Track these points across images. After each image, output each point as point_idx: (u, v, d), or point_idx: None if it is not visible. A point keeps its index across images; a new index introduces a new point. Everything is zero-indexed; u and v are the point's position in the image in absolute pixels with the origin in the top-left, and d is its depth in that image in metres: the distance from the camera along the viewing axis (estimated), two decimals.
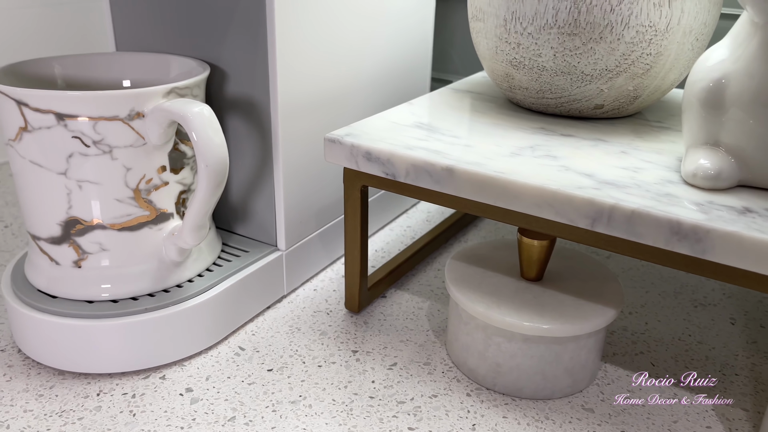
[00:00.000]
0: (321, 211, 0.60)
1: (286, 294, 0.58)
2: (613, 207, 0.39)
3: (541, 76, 0.51)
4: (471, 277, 0.49)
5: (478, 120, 0.53)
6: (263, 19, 0.49)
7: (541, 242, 0.47)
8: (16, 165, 0.45)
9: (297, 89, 0.52)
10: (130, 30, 0.56)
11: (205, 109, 0.43)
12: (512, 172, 0.43)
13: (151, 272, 0.48)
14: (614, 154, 0.47)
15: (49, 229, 0.46)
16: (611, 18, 0.47)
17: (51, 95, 0.41)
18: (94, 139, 0.43)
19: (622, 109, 0.53)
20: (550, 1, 0.48)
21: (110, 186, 0.44)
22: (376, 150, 0.47)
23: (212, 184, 0.44)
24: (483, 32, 0.53)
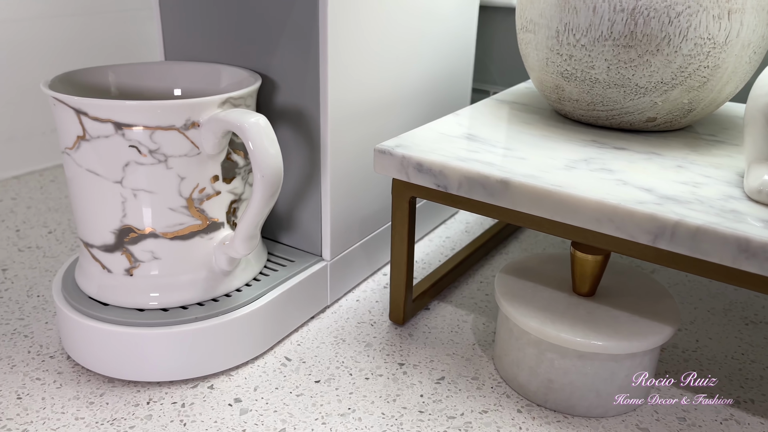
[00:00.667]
0: (364, 221, 0.59)
1: (330, 304, 0.58)
2: (677, 223, 0.38)
3: (593, 89, 0.51)
4: (522, 292, 0.48)
5: (527, 132, 0.53)
6: (316, 30, 0.49)
7: (595, 257, 0.46)
8: (72, 173, 0.45)
9: (346, 99, 0.52)
10: (180, 39, 0.57)
11: (261, 119, 0.43)
12: (569, 186, 0.42)
13: (200, 281, 0.48)
14: (671, 168, 0.46)
15: (103, 237, 0.46)
16: (669, 30, 0.46)
17: (110, 105, 0.41)
18: (151, 148, 0.43)
19: (674, 122, 0.52)
20: (606, 13, 0.47)
21: (164, 195, 0.44)
22: (428, 161, 0.46)
23: (267, 195, 0.44)
24: (533, 44, 0.53)
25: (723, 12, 0.46)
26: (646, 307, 0.47)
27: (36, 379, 0.47)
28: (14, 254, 0.64)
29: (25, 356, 0.49)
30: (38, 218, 0.71)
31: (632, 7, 0.46)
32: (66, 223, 0.70)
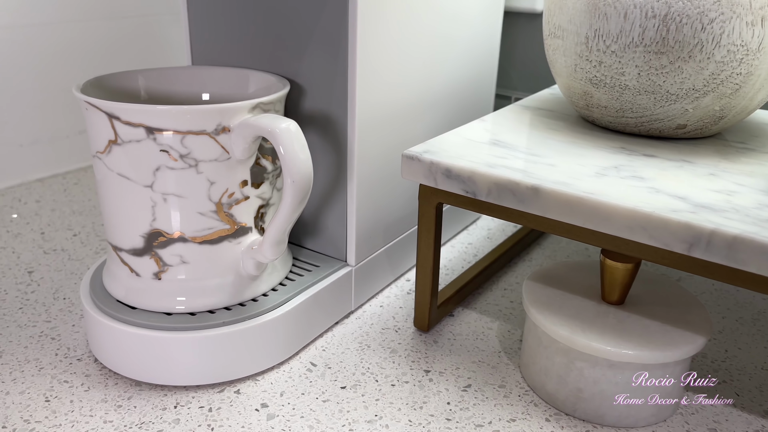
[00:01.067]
0: (389, 227, 0.59)
1: (354, 309, 0.57)
2: (713, 232, 0.37)
3: (622, 95, 0.50)
4: (550, 299, 0.48)
5: (555, 138, 0.52)
6: (345, 35, 0.49)
7: (625, 265, 0.46)
8: (103, 177, 0.45)
9: (373, 105, 0.52)
10: (207, 44, 0.57)
11: (292, 124, 0.43)
12: (601, 193, 0.42)
13: (228, 286, 0.48)
14: (703, 176, 0.45)
15: (132, 241, 0.46)
16: (702, 37, 0.46)
17: (143, 109, 0.41)
18: (181, 153, 0.43)
19: (704, 129, 0.52)
20: (637, 19, 0.47)
21: (194, 199, 0.44)
22: (457, 167, 0.46)
23: (296, 200, 0.44)
24: (561, 49, 0.53)
25: (756, 19, 0.45)
26: (676, 316, 0.46)
27: (64, 381, 0.47)
28: (40, 257, 0.64)
29: (53, 359, 0.50)
30: (62, 221, 0.72)
31: (664, 13, 0.46)
32: (90, 226, 0.71)
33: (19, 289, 0.59)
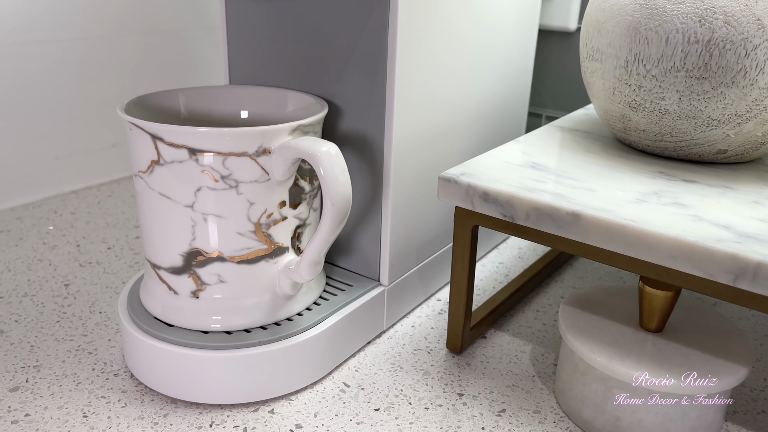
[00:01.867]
0: (422, 247, 0.59)
1: (386, 329, 0.57)
2: (760, 264, 0.37)
3: (662, 120, 0.50)
4: (587, 325, 0.48)
5: (592, 161, 0.52)
6: (384, 59, 0.49)
7: (666, 293, 0.45)
8: (144, 196, 0.46)
9: (410, 127, 0.52)
10: (245, 63, 0.58)
11: (333, 147, 0.43)
12: (643, 221, 0.41)
13: (264, 305, 0.48)
14: (746, 203, 0.45)
15: (171, 260, 0.47)
16: (745, 63, 0.45)
17: (186, 131, 0.42)
18: (223, 174, 0.43)
19: (745, 154, 0.51)
20: (679, 44, 0.46)
21: (233, 219, 0.45)
22: (495, 191, 0.46)
23: (335, 222, 0.44)
24: (599, 72, 0.52)
25: None
26: (717, 344, 0.46)
27: (101, 397, 0.48)
28: (76, 269, 0.65)
29: (90, 373, 0.50)
30: (97, 233, 0.73)
31: (707, 39, 0.45)
32: (124, 239, 0.72)
33: (56, 302, 0.60)
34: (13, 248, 0.69)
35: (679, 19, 0.46)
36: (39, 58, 0.77)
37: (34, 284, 0.62)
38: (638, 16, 0.48)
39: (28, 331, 0.55)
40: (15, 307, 0.58)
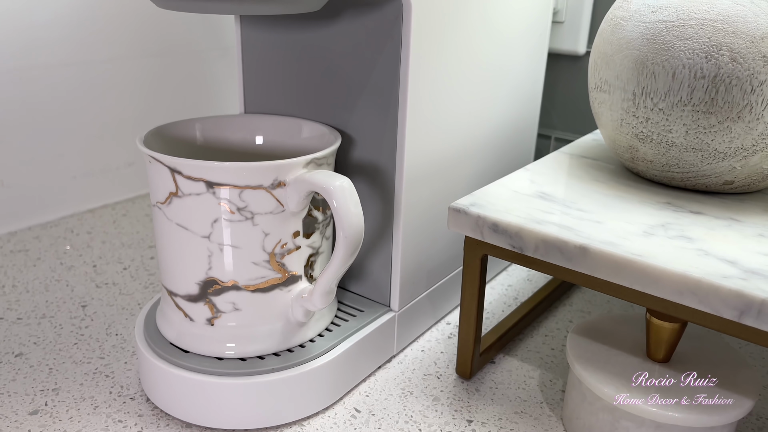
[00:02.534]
0: (431, 272, 0.60)
1: (396, 354, 0.58)
2: (764, 301, 0.38)
3: (669, 151, 0.51)
4: (595, 355, 0.48)
5: (600, 191, 0.53)
6: (396, 91, 0.50)
7: (672, 325, 0.46)
8: (162, 227, 0.47)
9: (421, 156, 0.54)
10: (260, 91, 0.59)
11: (346, 182, 0.44)
12: (650, 255, 0.42)
13: (277, 332, 0.49)
14: (752, 237, 0.45)
15: (188, 288, 0.48)
16: (751, 98, 0.46)
17: (204, 165, 0.43)
18: (239, 206, 0.45)
19: (752, 185, 0.52)
20: (686, 79, 0.47)
21: (249, 250, 0.46)
22: (504, 222, 0.47)
23: (348, 253, 0.45)
24: (607, 104, 0.53)
25: None
26: (724, 376, 0.46)
27: (118, 421, 0.49)
28: (92, 290, 0.67)
29: (107, 397, 0.52)
30: (113, 254, 0.74)
31: (714, 74, 0.46)
32: (139, 260, 0.73)
33: (74, 323, 0.61)
34: (31, 268, 0.71)
35: (685, 55, 0.47)
36: (56, 80, 0.79)
37: (52, 305, 0.64)
38: (645, 50, 0.49)
39: (47, 354, 0.56)
40: (34, 329, 0.60)
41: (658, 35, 0.48)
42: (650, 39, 0.49)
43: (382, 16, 0.49)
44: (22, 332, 0.59)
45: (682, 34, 0.47)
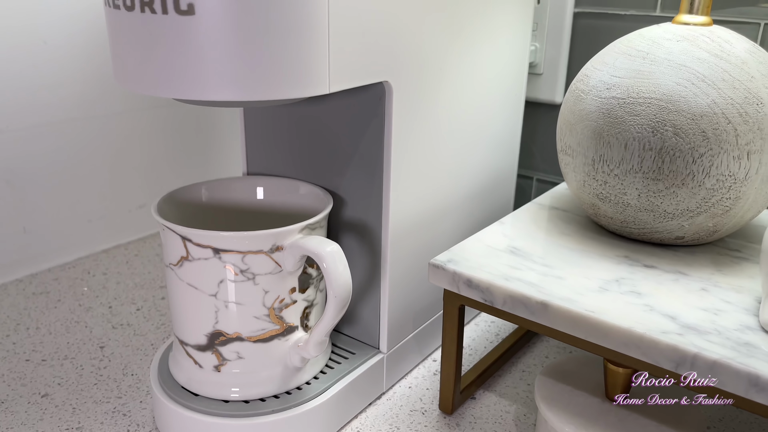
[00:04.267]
0: (417, 315, 0.66)
1: (385, 391, 0.64)
2: (696, 355, 0.43)
3: (625, 211, 0.57)
4: (559, 395, 0.54)
5: (566, 245, 0.59)
6: (381, 160, 0.57)
7: (626, 370, 0.52)
8: (174, 285, 0.53)
9: (404, 214, 0.60)
10: (261, 155, 0.65)
11: (336, 247, 0.50)
12: (601, 311, 0.48)
13: (276, 377, 0.55)
14: (695, 291, 0.51)
15: (197, 339, 0.54)
16: (693, 168, 0.52)
17: (211, 234, 0.50)
18: (242, 269, 0.51)
19: (701, 239, 0.58)
20: (636, 150, 0.53)
21: (251, 306, 0.52)
22: (477, 279, 0.53)
23: (338, 309, 0.51)
24: (571, 166, 0.60)
25: (743, 153, 0.52)
26: (673, 414, 0.52)
27: None
28: (109, 331, 0.73)
29: None
30: (127, 295, 0.81)
31: (659, 147, 0.52)
32: (151, 300, 0.80)
33: (93, 364, 0.67)
34: (52, 310, 0.77)
35: (635, 129, 0.53)
36: (76, 133, 0.85)
37: (72, 347, 0.70)
38: (601, 122, 0.55)
39: (70, 394, 0.63)
40: (57, 370, 0.66)
41: (611, 110, 0.55)
42: (605, 113, 0.55)
43: (368, 97, 0.55)
44: (46, 373, 0.66)
45: (632, 111, 0.53)
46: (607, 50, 0.59)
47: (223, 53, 0.42)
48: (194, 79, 0.43)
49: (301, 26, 0.43)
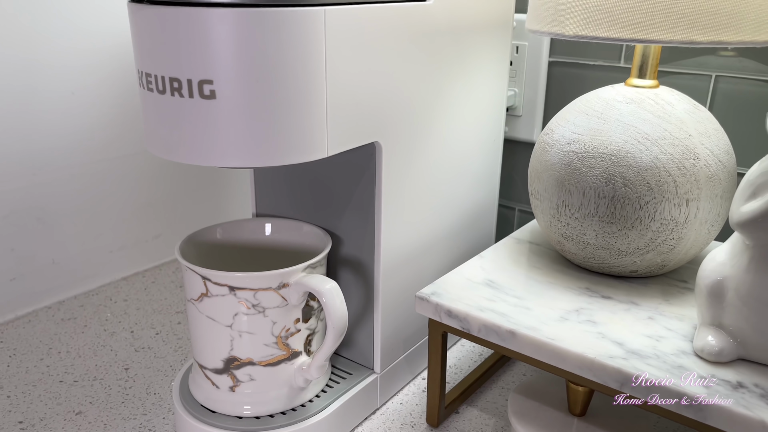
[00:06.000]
0: (407, 339, 0.74)
1: (379, 407, 0.72)
2: (636, 377, 0.52)
3: (586, 248, 0.65)
4: (528, 411, 0.62)
5: (536, 278, 0.67)
6: (373, 205, 0.65)
7: (584, 388, 0.60)
8: (194, 317, 0.62)
9: (394, 252, 0.68)
10: (269, 198, 0.74)
11: (334, 285, 0.59)
12: (560, 339, 0.56)
13: (283, 396, 0.63)
14: (643, 320, 0.60)
15: (215, 363, 0.62)
16: (641, 214, 0.61)
17: (227, 275, 0.58)
18: (253, 303, 0.59)
19: (653, 272, 0.66)
20: (592, 198, 0.62)
21: (261, 335, 0.61)
22: (455, 309, 0.61)
23: (336, 337, 0.59)
24: (540, 208, 0.68)
25: (682, 201, 0.60)
26: (624, 427, 0.60)
27: None
28: (132, 354, 0.81)
29: None
30: (147, 320, 0.89)
31: (612, 195, 0.61)
32: (168, 325, 0.88)
33: (120, 384, 0.76)
34: (80, 335, 0.85)
35: (591, 180, 0.62)
36: (96, 174, 0.94)
37: (100, 369, 0.78)
38: (563, 173, 0.64)
39: (101, 412, 0.71)
40: (88, 390, 0.74)
41: (571, 162, 0.63)
42: (566, 164, 0.64)
43: (362, 153, 0.64)
44: (79, 393, 0.74)
45: (589, 164, 0.62)
46: (569, 108, 0.68)
47: (239, 129, 0.51)
48: (214, 150, 0.51)
49: (303, 104, 0.52)
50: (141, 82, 0.54)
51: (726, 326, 0.53)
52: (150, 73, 0.52)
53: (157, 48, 0.51)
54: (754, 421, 0.47)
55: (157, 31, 0.50)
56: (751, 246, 0.51)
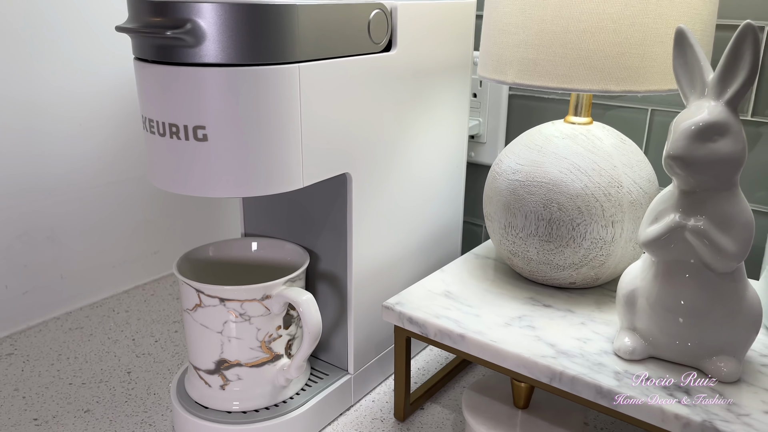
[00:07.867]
0: (378, 344, 0.84)
1: (353, 404, 0.82)
2: (562, 372, 0.61)
3: (530, 263, 0.75)
4: (480, 405, 0.72)
5: (488, 289, 0.77)
6: (345, 225, 0.75)
7: (525, 384, 0.70)
8: (190, 325, 0.71)
9: (364, 266, 0.78)
10: (256, 220, 0.84)
11: (309, 297, 0.68)
12: (503, 341, 0.66)
13: (267, 393, 0.73)
14: (575, 325, 0.69)
15: (207, 365, 0.72)
16: (574, 234, 0.71)
17: (218, 288, 0.68)
18: (240, 313, 0.69)
19: (589, 284, 0.76)
20: (533, 221, 0.72)
21: (247, 340, 0.70)
22: (416, 317, 0.71)
23: (311, 342, 0.69)
24: (491, 228, 0.78)
25: (608, 222, 0.70)
26: (560, 419, 0.70)
27: None
28: (134, 360, 0.91)
29: None
30: (147, 329, 0.99)
31: (549, 218, 0.71)
32: (167, 333, 0.97)
33: (123, 386, 0.85)
34: (87, 343, 0.95)
35: (532, 205, 0.72)
36: (101, 196, 1.04)
37: (105, 372, 0.88)
38: (509, 198, 0.74)
39: (107, 410, 0.80)
40: (95, 391, 0.84)
41: (515, 189, 0.73)
42: (511, 191, 0.74)
43: (335, 182, 0.74)
44: (87, 394, 0.83)
45: (530, 191, 0.72)
46: (516, 141, 0.78)
47: (228, 166, 0.61)
48: (207, 183, 0.61)
49: (281, 144, 0.62)
50: (145, 125, 0.63)
51: (639, 329, 0.63)
52: (153, 119, 0.62)
53: (158, 98, 0.61)
54: (654, 408, 0.57)
55: (159, 85, 0.60)
56: (656, 262, 0.61)
